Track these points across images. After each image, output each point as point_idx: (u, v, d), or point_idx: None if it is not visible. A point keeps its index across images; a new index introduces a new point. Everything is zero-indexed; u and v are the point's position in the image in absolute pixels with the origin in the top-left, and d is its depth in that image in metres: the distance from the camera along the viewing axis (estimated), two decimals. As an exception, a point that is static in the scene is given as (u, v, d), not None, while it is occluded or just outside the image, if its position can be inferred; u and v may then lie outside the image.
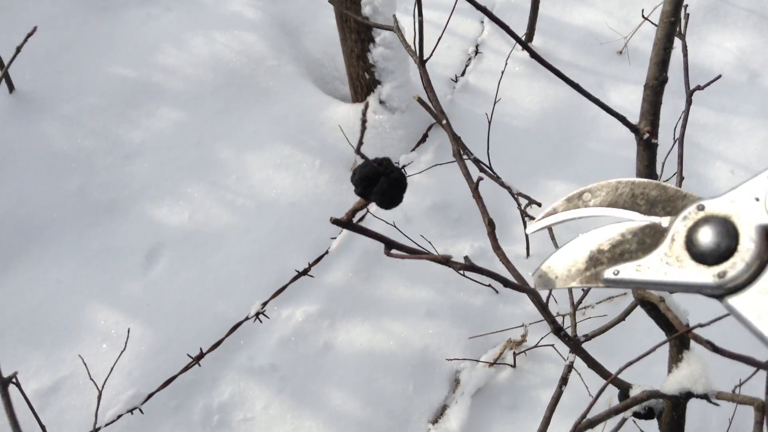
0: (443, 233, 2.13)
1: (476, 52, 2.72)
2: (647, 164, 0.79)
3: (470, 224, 2.16)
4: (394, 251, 0.54)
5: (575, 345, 0.86)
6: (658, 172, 0.82)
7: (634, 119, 0.79)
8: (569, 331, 1.80)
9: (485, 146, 1.93)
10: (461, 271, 0.57)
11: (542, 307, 0.74)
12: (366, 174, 0.49)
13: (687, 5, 0.90)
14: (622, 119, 0.78)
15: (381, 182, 0.48)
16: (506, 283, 0.67)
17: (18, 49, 1.07)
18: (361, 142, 0.43)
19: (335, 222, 0.52)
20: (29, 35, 1.05)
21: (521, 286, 0.72)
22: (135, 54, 2.50)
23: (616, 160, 2.32)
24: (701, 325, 0.71)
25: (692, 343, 0.84)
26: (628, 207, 0.48)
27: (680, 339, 0.83)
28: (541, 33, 2.68)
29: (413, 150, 2.37)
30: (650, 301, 0.81)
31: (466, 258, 0.62)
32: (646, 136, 0.76)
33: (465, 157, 1.52)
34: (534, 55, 0.83)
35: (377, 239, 0.54)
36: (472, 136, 1.97)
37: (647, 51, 2.69)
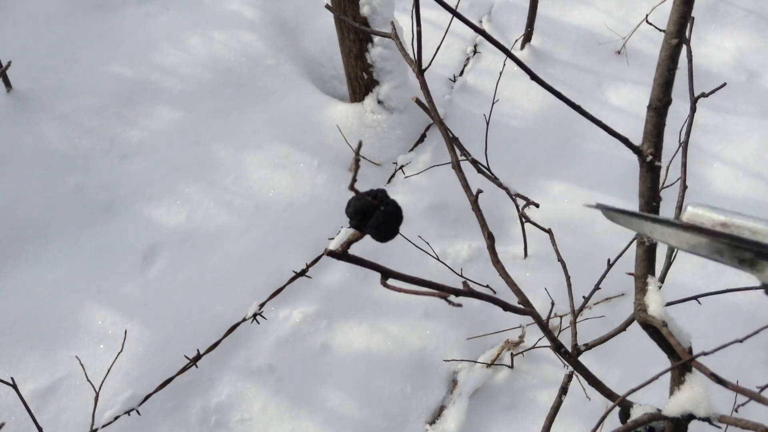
0: (441, 233, 2.13)
1: (474, 52, 2.72)
2: (650, 186, 0.79)
3: (468, 224, 2.16)
4: (390, 282, 0.53)
5: (576, 362, 0.86)
6: (662, 176, 0.81)
7: (632, 118, 0.78)
8: (569, 335, 1.79)
9: (483, 146, 1.93)
10: (463, 279, 0.57)
11: (542, 326, 0.74)
12: (361, 207, 0.48)
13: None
14: (624, 141, 0.78)
15: (376, 215, 0.47)
16: (506, 306, 0.67)
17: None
18: (355, 179, 0.43)
19: (330, 254, 0.52)
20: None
21: (522, 308, 0.72)
22: (132, 53, 2.49)
23: (614, 160, 2.31)
24: (705, 353, 0.72)
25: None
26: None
27: (683, 363, 0.83)
28: (539, 33, 2.67)
29: (411, 150, 2.37)
30: (652, 325, 0.80)
31: (464, 284, 0.62)
32: (650, 158, 0.76)
33: (462, 158, 1.52)
34: (537, 79, 0.82)
35: (373, 269, 0.54)
36: (470, 137, 1.97)
37: (645, 51, 2.69)
